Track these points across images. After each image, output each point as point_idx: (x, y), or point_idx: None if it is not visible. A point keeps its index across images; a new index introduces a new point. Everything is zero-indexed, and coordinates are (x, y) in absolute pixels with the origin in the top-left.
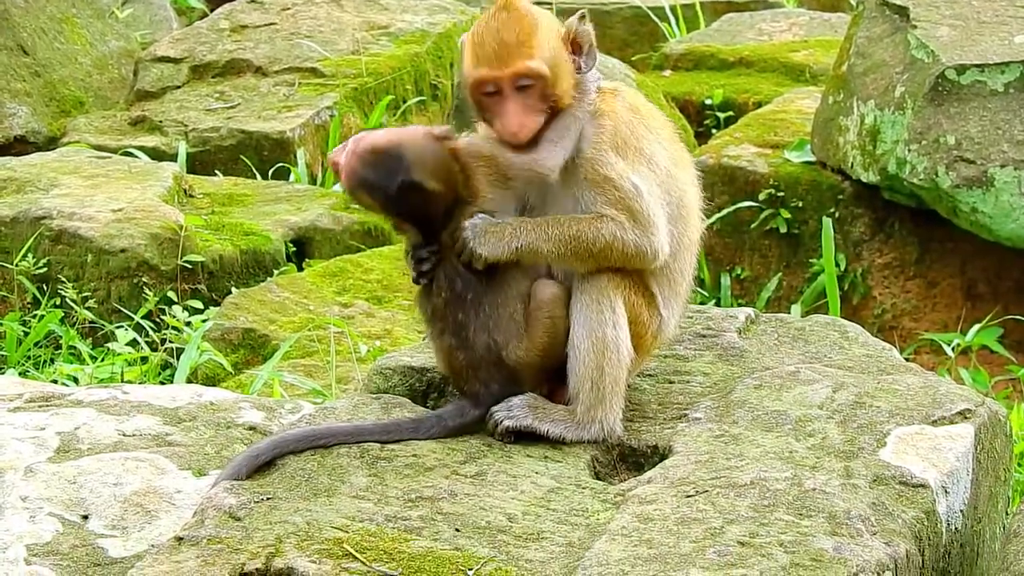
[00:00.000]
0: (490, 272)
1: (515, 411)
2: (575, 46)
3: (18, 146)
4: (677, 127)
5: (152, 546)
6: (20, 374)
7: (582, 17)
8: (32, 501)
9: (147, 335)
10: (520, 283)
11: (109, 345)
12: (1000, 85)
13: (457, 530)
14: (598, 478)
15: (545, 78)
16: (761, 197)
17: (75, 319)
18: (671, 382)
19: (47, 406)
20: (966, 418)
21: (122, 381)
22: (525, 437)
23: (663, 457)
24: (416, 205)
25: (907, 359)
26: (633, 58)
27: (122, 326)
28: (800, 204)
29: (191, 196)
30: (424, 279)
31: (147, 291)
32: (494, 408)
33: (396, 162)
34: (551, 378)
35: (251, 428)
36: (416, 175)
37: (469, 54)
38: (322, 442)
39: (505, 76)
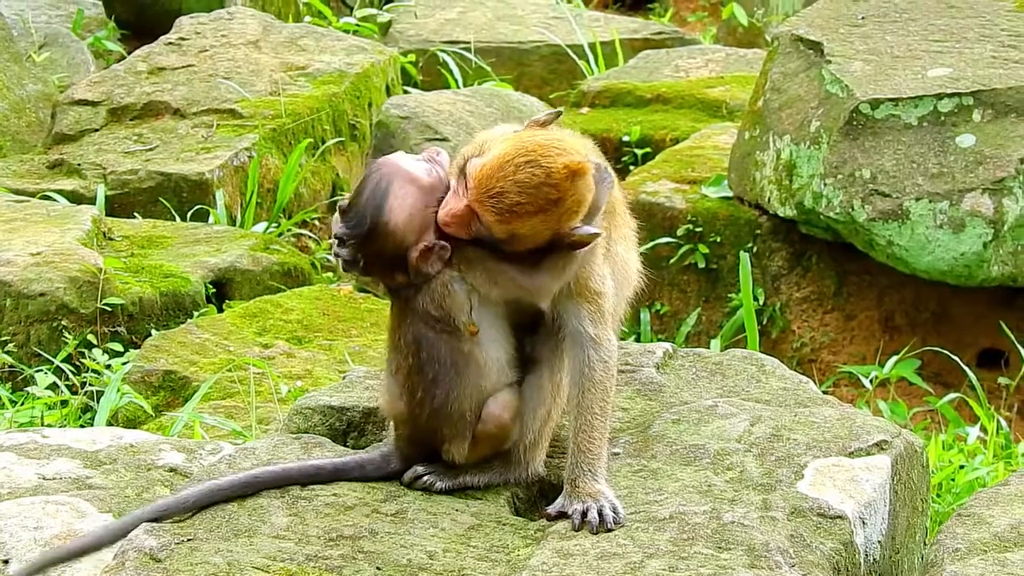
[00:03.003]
0: (456, 359)
1: (445, 473)
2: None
3: None
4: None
5: None
6: None
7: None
8: None
9: (67, 379)
10: (482, 386)
11: (28, 389)
12: (914, 119)
13: (378, 568)
14: (518, 514)
15: None
16: (679, 232)
17: None
18: None
19: None
20: (883, 449)
21: (42, 425)
22: None
23: None
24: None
25: (826, 392)
26: (551, 96)
27: (41, 370)
28: (718, 239)
29: (110, 239)
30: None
31: (67, 334)
32: (421, 470)
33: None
34: None
35: (172, 470)
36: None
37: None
38: (250, 491)
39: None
